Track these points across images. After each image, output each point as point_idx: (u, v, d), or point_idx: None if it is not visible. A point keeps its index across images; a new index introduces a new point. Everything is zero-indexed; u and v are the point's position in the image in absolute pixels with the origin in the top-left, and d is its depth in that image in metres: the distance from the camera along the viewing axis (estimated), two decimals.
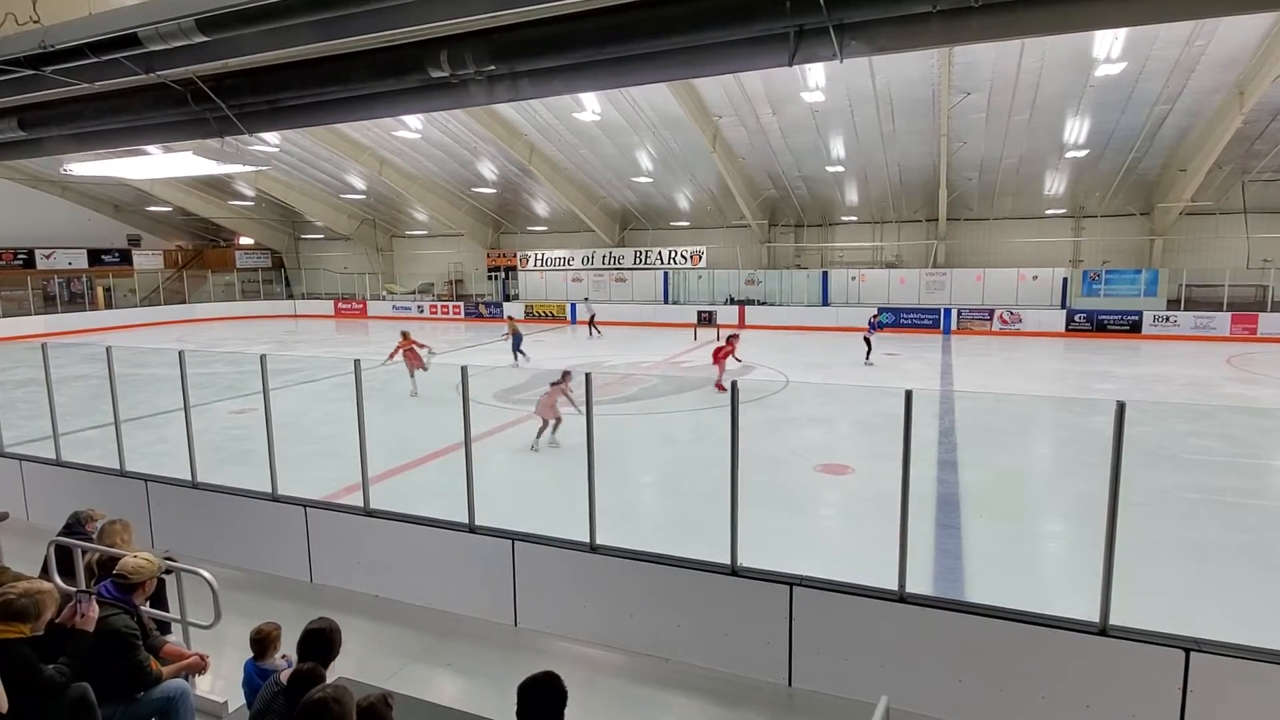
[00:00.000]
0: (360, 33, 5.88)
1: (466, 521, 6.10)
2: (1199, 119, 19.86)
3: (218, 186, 34.09)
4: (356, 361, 6.46)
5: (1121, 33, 15.05)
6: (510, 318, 22.78)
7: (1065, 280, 26.67)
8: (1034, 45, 16.65)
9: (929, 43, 5.71)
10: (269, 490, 6.98)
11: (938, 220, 27.55)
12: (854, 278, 29.78)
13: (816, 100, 19.84)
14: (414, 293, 37.50)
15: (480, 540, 6.03)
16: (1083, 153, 22.28)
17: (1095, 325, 24.97)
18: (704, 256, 31.90)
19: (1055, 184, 25.44)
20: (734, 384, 5.27)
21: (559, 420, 11.03)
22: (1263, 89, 17.03)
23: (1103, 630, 4.38)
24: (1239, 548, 7.58)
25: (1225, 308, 24.16)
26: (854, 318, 27.88)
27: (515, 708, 2.84)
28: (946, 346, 23.38)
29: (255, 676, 3.88)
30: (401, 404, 15.13)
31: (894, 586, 4.85)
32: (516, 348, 20.00)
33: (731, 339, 16.54)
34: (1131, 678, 4.31)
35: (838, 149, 23.83)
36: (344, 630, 3.61)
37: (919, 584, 5.34)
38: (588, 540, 5.68)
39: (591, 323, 27.23)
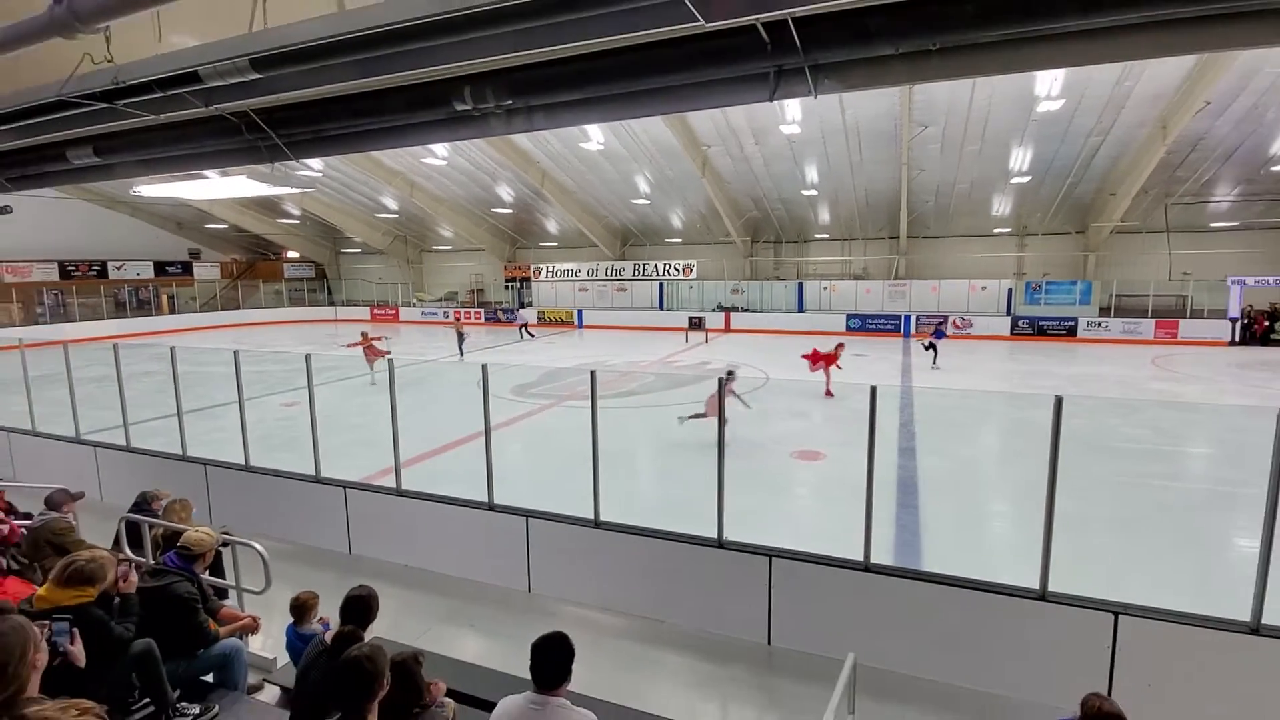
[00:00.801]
0: (394, 71, 5.87)
1: (486, 500, 6.11)
2: (1128, 149, 19.87)
3: (267, 206, 34.02)
4: (390, 360, 6.47)
5: (1060, 73, 15.07)
6: (457, 318, 22.92)
7: (1010, 290, 26.68)
8: (984, 84, 16.66)
9: (892, 81, 5.72)
10: (313, 473, 6.97)
11: (899, 237, 27.52)
12: (826, 287, 29.79)
13: (794, 132, 19.83)
14: (440, 300, 37.44)
15: (498, 517, 6.04)
16: (1026, 179, 22.27)
17: (1036, 330, 24.98)
18: (694, 269, 31.89)
19: (1002, 206, 25.44)
20: (720, 380, 5.28)
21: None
22: (1183, 123, 17.05)
23: (1042, 596, 4.40)
24: (1162, 524, 7.60)
25: (1150, 315, 24.19)
26: (826, 323, 27.97)
27: (530, 663, 2.85)
28: (906, 349, 23.37)
29: (295, 640, 3.87)
30: (431, 397, 15.11)
31: (860, 558, 4.87)
32: (460, 345, 20.82)
33: (838, 346, 14.55)
34: (1067, 638, 4.32)
35: (812, 175, 23.81)
36: (380, 596, 3.62)
37: (882, 555, 5.34)
38: (593, 517, 5.69)
39: (524, 327, 27.54)
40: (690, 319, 27.00)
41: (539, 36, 4.90)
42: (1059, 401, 4.35)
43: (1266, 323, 22.25)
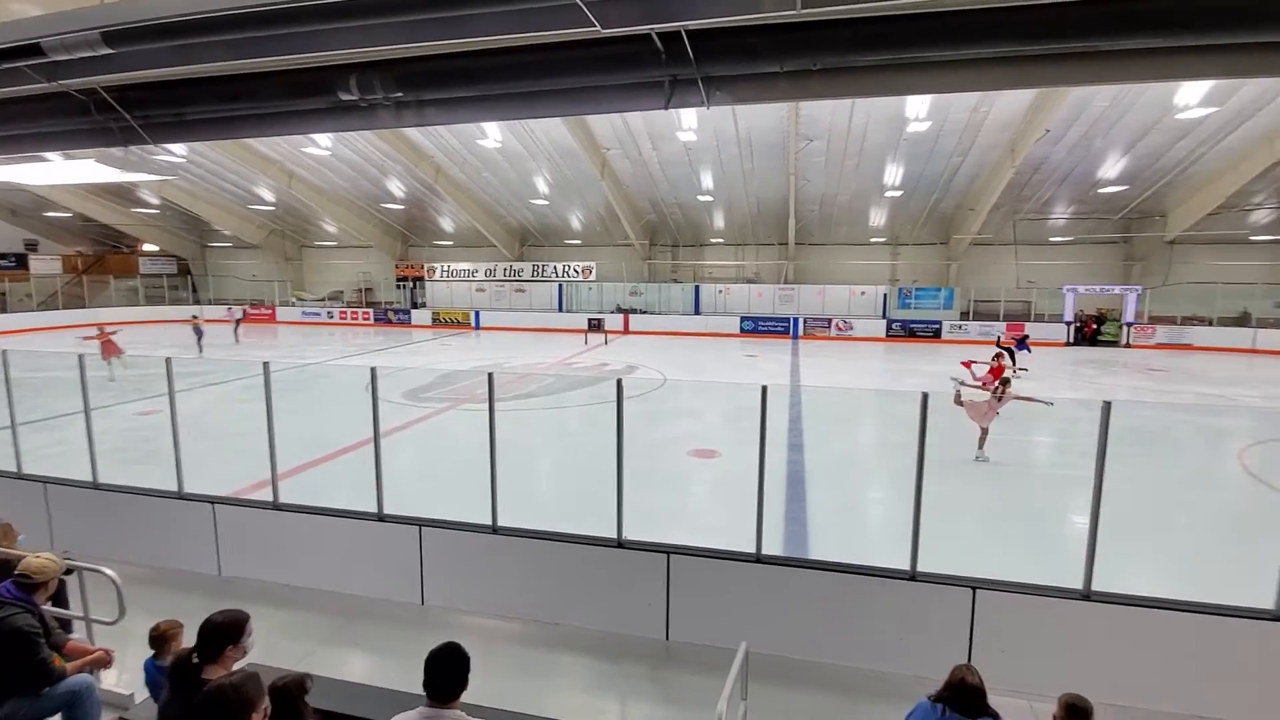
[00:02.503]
0: (271, 54, 5.46)
1: (375, 511, 5.81)
2: (983, 169, 22.00)
3: (120, 194, 30.53)
4: (265, 364, 6.00)
5: (927, 99, 16.46)
6: (194, 317, 21.94)
7: (885, 296, 28.77)
8: (862, 104, 17.89)
9: (778, 97, 6.01)
10: (175, 488, 6.34)
11: (788, 244, 28.98)
12: (720, 291, 30.80)
13: (689, 139, 20.37)
14: (323, 299, 35.13)
15: (388, 528, 5.76)
16: (898, 193, 24.11)
17: (907, 332, 27.09)
18: (594, 270, 31.95)
19: (878, 217, 27.39)
20: (619, 381, 5.33)
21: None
22: (1028, 147, 19.11)
23: (912, 576, 4.78)
24: (1013, 506, 8.47)
25: (1002, 318, 26.90)
26: (721, 325, 28.92)
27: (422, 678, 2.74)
28: (795, 349, 24.61)
29: (156, 673, 3.53)
30: (313, 402, 14.18)
31: (753, 550, 5.07)
32: (198, 341, 20.60)
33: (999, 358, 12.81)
34: (933, 612, 4.73)
35: (707, 181, 24.53)
36: (254, 619, 3.34)
37: (773, 547, 5.60)
38: (490, 523, 5.56)
39: (236, 325, 25.28)
40: (590, 320, 27.03)
41: (429, 30, 4.74)
42: (925, 397, 4.75)
43: (1095, 326, 25.35)
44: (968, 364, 13.36)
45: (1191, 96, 15.90)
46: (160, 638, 3.57)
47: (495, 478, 5.53)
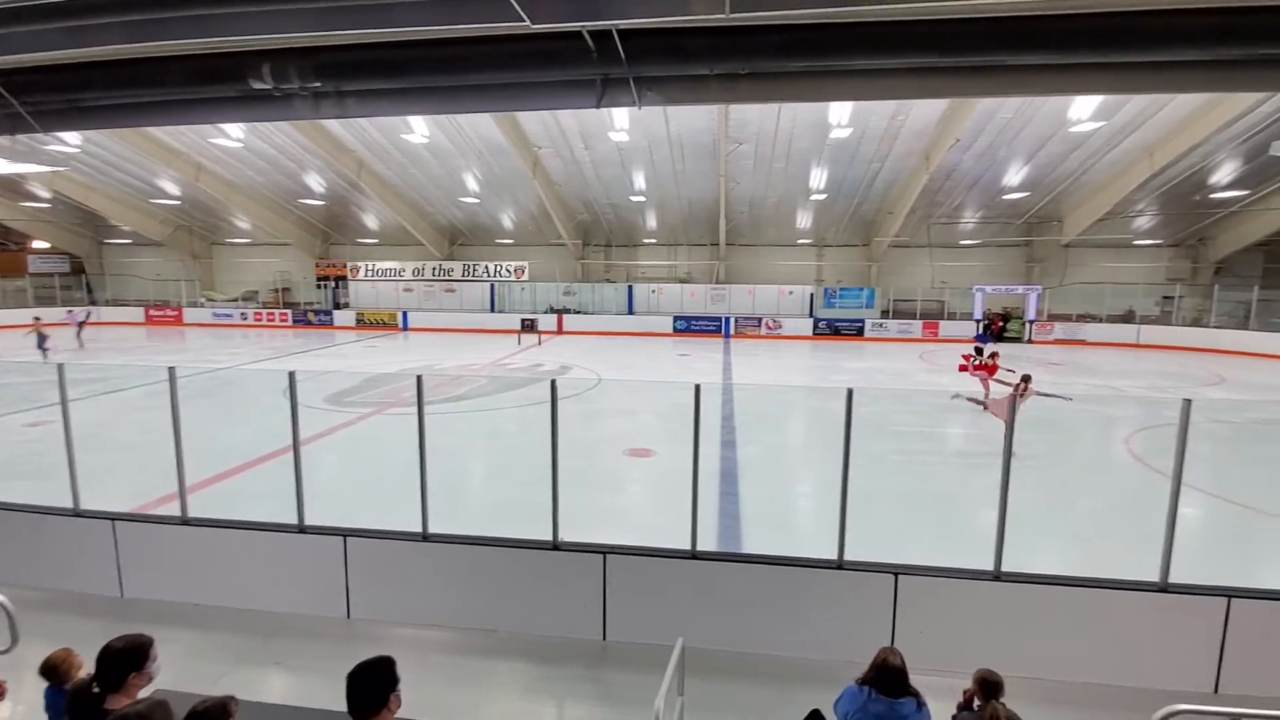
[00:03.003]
0: (173, 38, 5.10)
1: (296, 522, 5.52)
2: (901, 174, 23.07)
3: (7, 186, 27.83)
4: (171, 369, 5.60)
5: (849, 106, 17.11)
6: (36, 319, 20.11)
7: (812, 295, 29.75)
8: (788, 110, 18.41)
9: (709, 99, 6.10)
10: (70, 505, 5.83)
11: (719, 244, 29.52)
12: (654, 291, 31.03)
13: (622, 140, 20.40)
14: (236, 300, 33.11)
15: (310, 539, 5.48)
16: (823, 196, 24.97)
17: (833, 330, 28.11)
18: (526, 270, 31.55)
19: (804, 219, 28.28)
20: (553, 382, 5.26)
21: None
22: (941, 154, 20.19)
23: (839, 565, 4.94)
24: (930, 494, 8.91)
25: (919, 317, 28.32)
26: (654, 325, 29.14)
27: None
28: (727, 348, 25.07)
29: (57, 704, 3.22)
30: (225, 409, 13.36)
31: (688, 546, 5.12)
32: (40, 345, 18.98)
33: (994, 355, 13.78)
34: (860, 598, 4.91)
35: (640, 182, 24.65)
36: (160, 642, 3.10)
37: (707, 542, 5.67)
38: (420, 530, 5.38)
39: (79, 328, 23.19)
40: (522, 321, 26.65)
41: (348, 18, 4.54)
42: (850, 393, 4.93)
43: (1001, 323, 27.04)
44: (964, 367, 14.10)
45: (1083, 111, 17.21)
46: (53, 670, 3.26)
47: (425, 483, 5.36)
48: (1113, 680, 4.64)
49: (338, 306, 32.25)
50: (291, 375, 5.51)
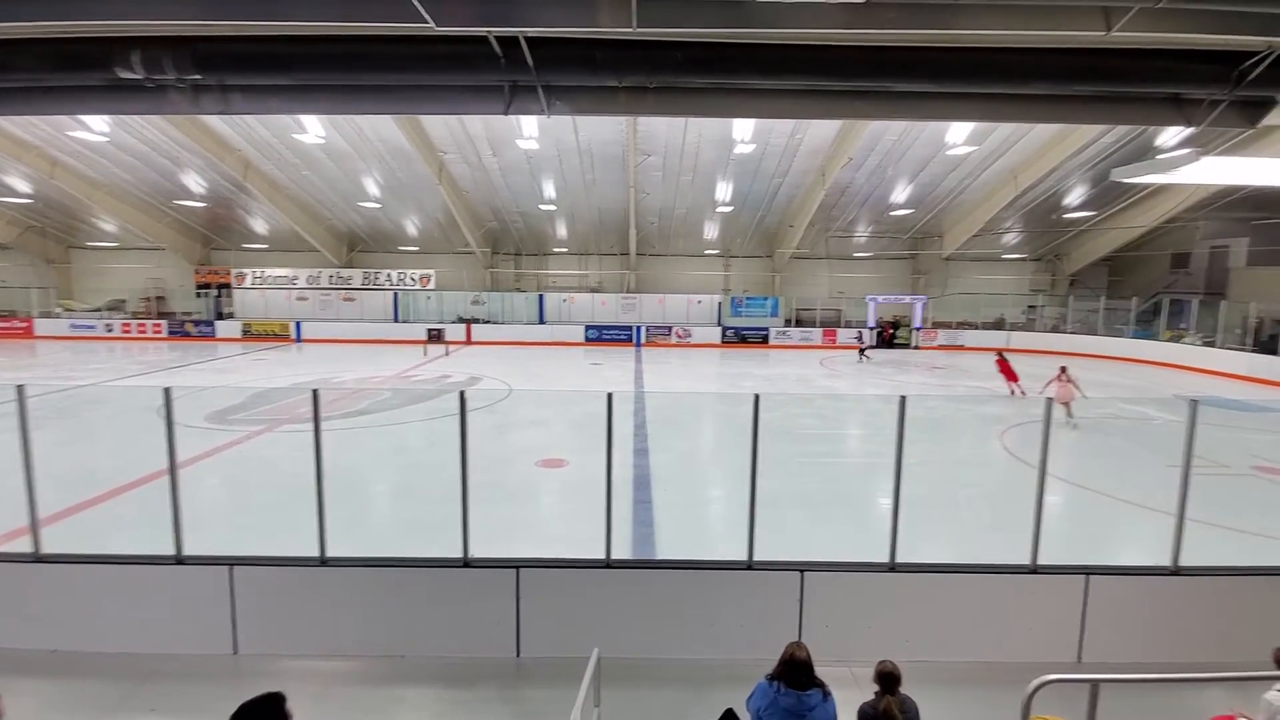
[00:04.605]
0: (30, 19, 4.57)
1: (173, 553, 5.03)
2: (800, 189, 24.26)
3: None
4: (20, 387, 4.98)
5: (752, 123, 17.82)
6: None
7: (720, 304, 30.62)
8: (694, 124, 18.91)
9: (617, 111, 6.17)
10: None
11: (629, 254, 29.80)
12: (565, 300, 30.88)
13: (531, 147, 20.21)
14: (99, 310, 29.83)
15: (190, 571, 5.02)
16: (729, 208, 25.82)
17: (740, 338, 29.04)
18: (432, 279, 30.52)
19: (711, 230, 29.11)
20: (461, 394, 5.12)
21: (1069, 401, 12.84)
22: (835, 172, 21.40)
23: (749, 565, 5.10)
24: (832, 493, 9.37)
25: (818, 325, 29.81)
26: (566, 334, 28.97)
27: None
28: (639, 356, 25.32)
29: None
30: (87, 431, 12.02)
31: (602, 555, 5.11)
32: None
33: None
34: (769, 597, 5.08)
35: (549, 190, 24.50)
36: (8, 695, 2.73)
37: (622, 550, 5.68)
38: (318, 554, 5.06)
39: None
40: (429, 331, 25.75)
41: (232, 8, 4.25)
42: (756, 399, 5.11)
43: (892, 331, 28.94)
44: (1001, 364, 16.90)
45: (959, 136, 18.84)
46: None
47: (323, 504, 5.04)
48: (991, 658, 5.05)
49: (220, 316, 29.82)
50: (167, 391, 5.04)
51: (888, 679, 3.34)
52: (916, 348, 28.48)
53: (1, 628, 5.05)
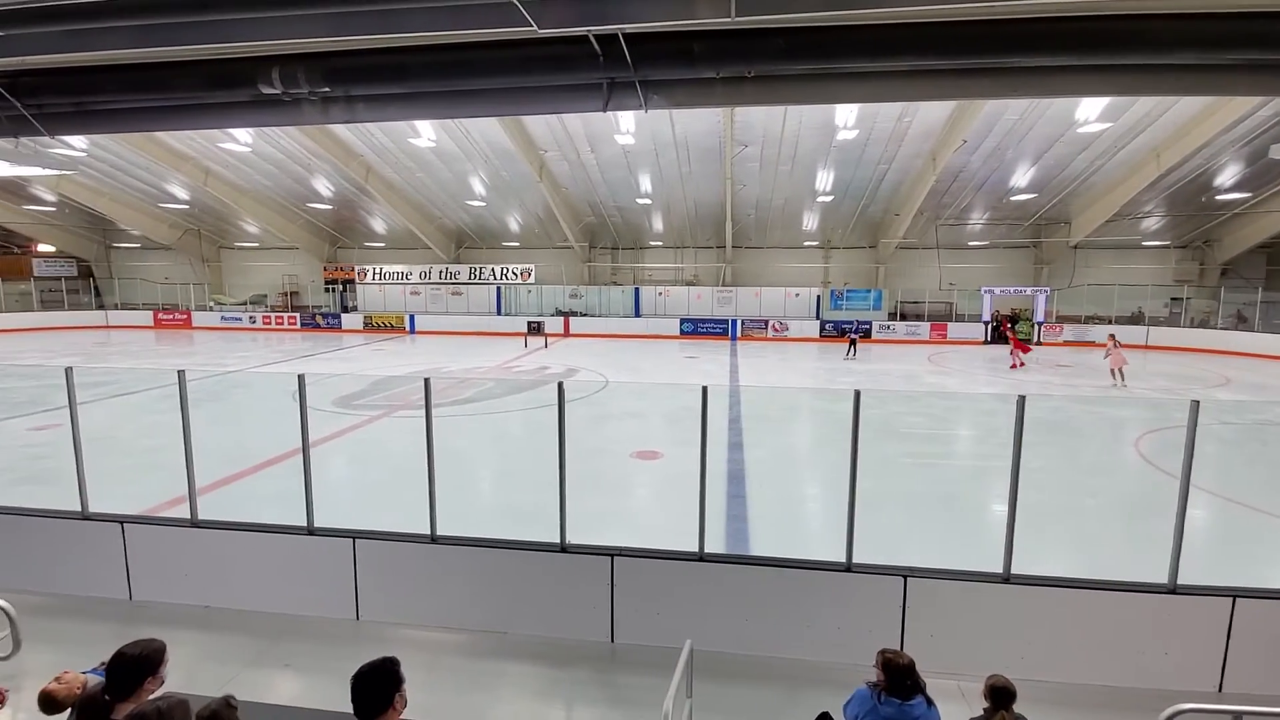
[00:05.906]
0: (183, 43, 5.14)
1: (305, 525, 5.56)
2: (907, 176, 23.03)
3: (11, 189, 28.10)
4: (181, 372, 5.65)
5: (855, 108, 17.10)
6: None
7: (818, 297, 29.70)
8: (794, 112, 18.40)
9: (714, 102, 6.11)
10: (78, 509, 5.88)
11: (725, 247, 29.49)
12: (660, 293, 31.05)
13: (628, 143, 20.44)
14: (245, 304, 33.28)
15: (319, 541, 5.52)
16: (829, 198, 24.95)
17: (839, 332, 28.03)
18: (533, 273, 31.64)
19: (810, 221, 28.26)
20: (560, 385, 5.29)
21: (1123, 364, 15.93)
22: (947, 157, 20.14)
23: (848, 568, 4.94)
24: (938, 496, 8.88)
25: (927, 319, 28.24)
26: (661, 327, 29.15)
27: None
28: (734, 350, 25.06)
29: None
30: (235, 412, 13.43)
31: (695, 548, 5.13)
32: None
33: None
34: (868, 601, 4.90)
35: (646, 184, 24.68)
36: (170, 645, 3.12)
37: (715, 544, 5.68)
38: (429, 532, 5.41)
39: None
40: (529, 323, 26.70)
41: (357, 23, 4.58)
42: (857, 395, 4.93)
43: (1009, 324, 26.91)
44: (1010, 336, 19.67)
45: (1090, 112, 17.14)
46: (51, 702, 2.90)
47: (434, 485, 5.39)
48: (1119, 682, 4.62)
49: (345, 310, 32.44)
50: (301, 378, 5.55)
51: (1000, 694, 3.14)
52: (1039, 343, 26.35)
53: (164, 585, 5.78)
